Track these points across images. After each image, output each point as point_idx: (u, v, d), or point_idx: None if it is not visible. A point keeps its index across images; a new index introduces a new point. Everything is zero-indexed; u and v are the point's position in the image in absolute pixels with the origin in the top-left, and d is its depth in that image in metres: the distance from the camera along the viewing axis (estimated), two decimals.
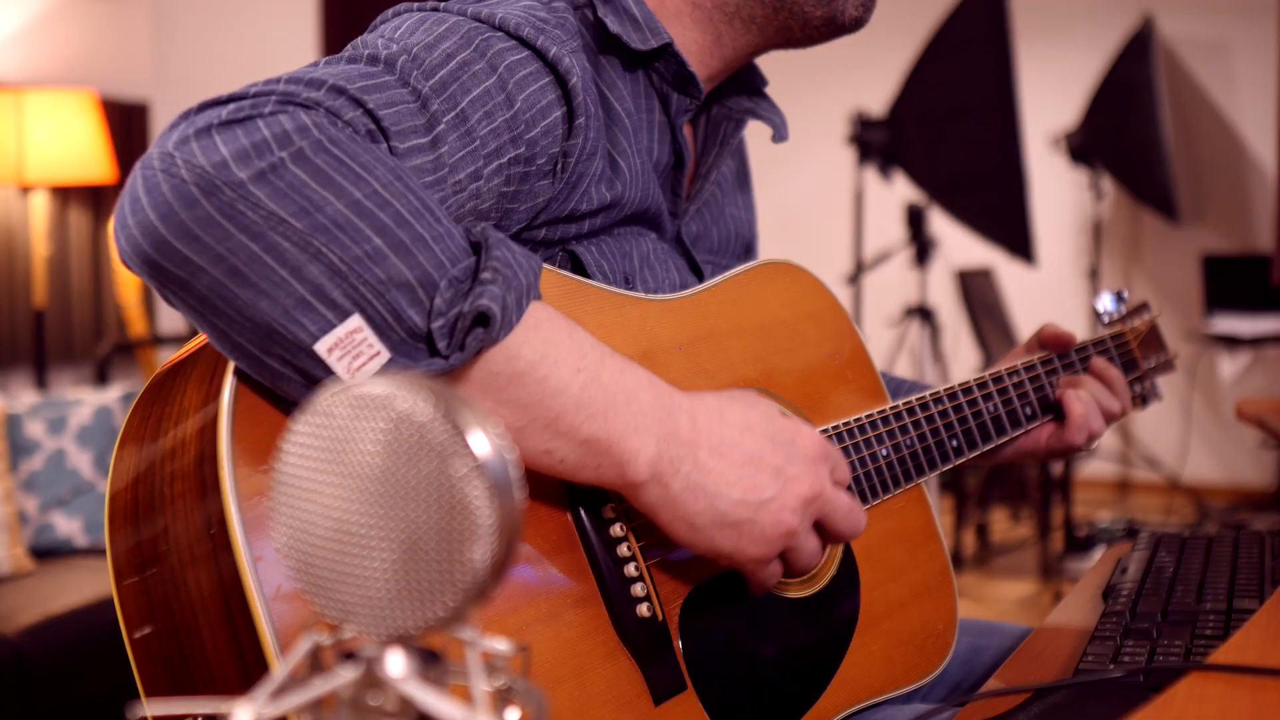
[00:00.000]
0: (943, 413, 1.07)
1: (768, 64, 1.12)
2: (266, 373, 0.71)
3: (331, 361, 0.69)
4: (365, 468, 0.44)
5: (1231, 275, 4.74)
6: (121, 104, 4.11)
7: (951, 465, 1.07)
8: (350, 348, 0.69)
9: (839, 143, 4.38)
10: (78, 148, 3.47)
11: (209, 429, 0.72)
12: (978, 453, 1.09)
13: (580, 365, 0.76)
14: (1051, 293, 5.14)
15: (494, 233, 0.75)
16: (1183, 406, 5.00)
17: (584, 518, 0.84)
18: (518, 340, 0.74)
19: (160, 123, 4.30)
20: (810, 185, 5.55)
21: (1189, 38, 5.03)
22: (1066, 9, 5.22)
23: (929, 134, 3.85)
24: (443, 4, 0.89)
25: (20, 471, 2.82)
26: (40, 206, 3.59)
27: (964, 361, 4.86)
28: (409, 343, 0.70)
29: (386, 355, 0.70)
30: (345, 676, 0.44)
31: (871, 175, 4.09)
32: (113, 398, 2.97)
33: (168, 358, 0.81)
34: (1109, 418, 1.19)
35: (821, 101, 5.25)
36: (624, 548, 0.85)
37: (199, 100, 0.72)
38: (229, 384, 0.72)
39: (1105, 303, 1.32)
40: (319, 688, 0.44)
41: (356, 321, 0.69)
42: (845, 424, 0.99)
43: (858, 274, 4.14)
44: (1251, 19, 4.90)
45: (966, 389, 1.10)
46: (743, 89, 1.10)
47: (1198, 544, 1.15)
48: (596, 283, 0.91)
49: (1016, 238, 3.81)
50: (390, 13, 0.89)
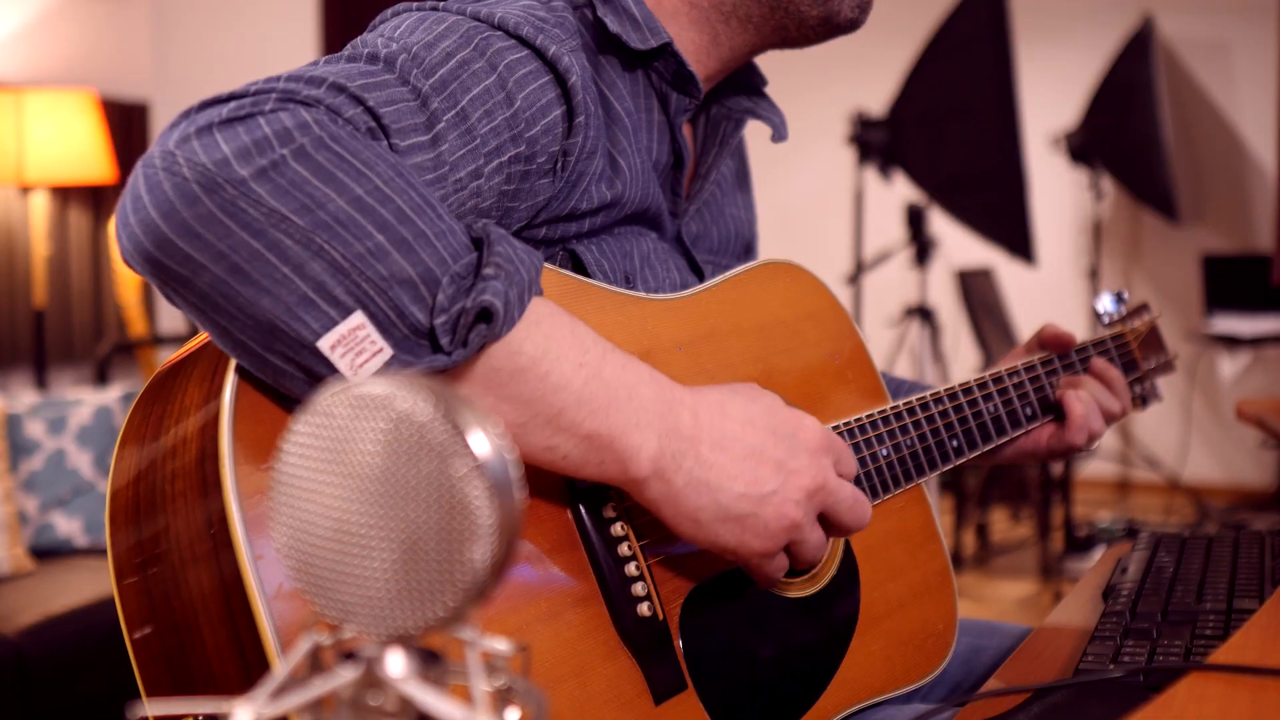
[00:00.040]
0: (943, 413, 1.07)
1: (767, 64, 1.12)
2: (269, 370, 0.71)
3: (334, 359, 0.69)
4: (365, 468, 0.44)
5: (1231, 275, 4.74)
6: (121, 104, 4.11)
7: (952, 465, 1.07)
8: (352, 345, 0.69)
9: (839, 143, 4.38)
10: (78, 148, 3.47)
11: (210, 427, 0.72)
12: (978, 453, 1.09)
13: (582, 361, 0.76)
14: (1051, 293, 5.14)
15: (495, 229, 0.75)
16: (1183, 406, 5.00)
17: (584, 516, 0.83)
18: (520, 336, 0.73)
19: (160, 123, 4.30)
20: (810, 185, 5.55)
21: (1189, 38, 5.03)
22: (1066, 9, 5.22)
23: (929, 134, 3.85)
24: (442, 3, 0.89)
25: (20, 471, 2.82)
26: (40, 206, 3.59)
27: (964, 361, 4.86)
28: (411, 339, 0.70)
29: (389, 352, 0.70)
30: (345, 676, 0.44)
31: (871, 175, 4.09)
32: (113, 398, 2.97)
33: (168, 357, 0.81)
34: (1109, 418, 1.19)
35: (821, 101, 5.25)
36: (624, 547, 0.85)
37: (199, 100, 0.72)
38: (230, 382, 0.72)
39: (1105, 304, 1.32)
40: (319, 688, 0.44)
41: (359, 318, 0.69)
42: (845, 424, 0.99)
43: (858, 274, 4.14)
44: (1251, 19, 4.90)
45: (967, 389, 1.10)
46: (742, 89, 1.10)
47: (1198, 544, 1.15)
48: (597, 282, 0.91)
49: (1016, 238, 3.81)
50: (390, 12, 0.89)
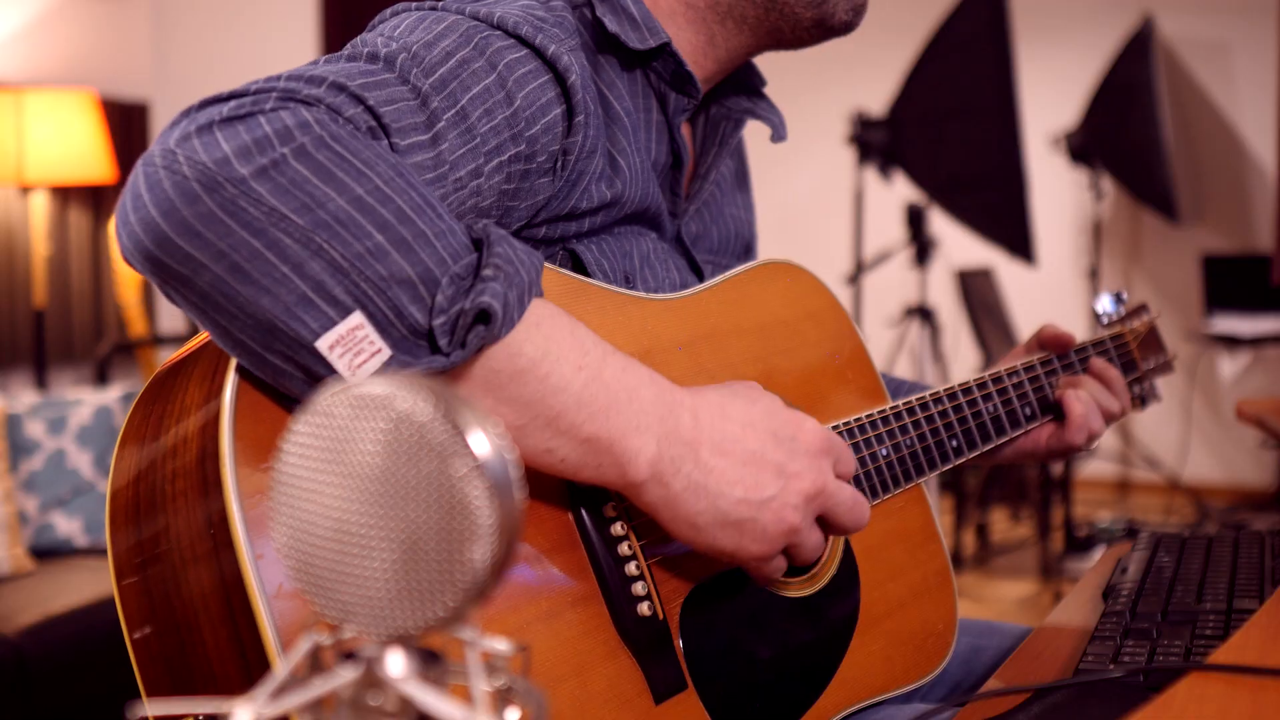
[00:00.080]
0: (943, 413, 1.07)
1: (767, 64, 1.12)
2: (268, 369, 0.71)
3: (333, 359, 0.69)
4: (365, 468, 0.44)
5: (1231, 275, 4.74)
6: (121, 104, 4.10)
7: (951, 465, 1.07)
8: (351, 345, 0.69)
9: (839, 143, 4.38)
10: (78, 148, 3.47)
11: (211, 426, 0.72)
12: (978, 453, 1.09)
13: (582, 363, 0.76)
14: (1051, 293, 5.14)
15: (495, 229, 0.74)
16: (1183, 406, 5.00)
17: (584, 516, 0.83)
18: (519, 338, 0.73)
19: (160, 122, 4.30)
20: (810, 185, 5.55)
21: (1189, 38, 5.03)
22: (1066, 9, 5.22)
23: (929, 134, 3.85)
24: (441, 3, 0.89)
25: (20, 471, 2.82)
26: (40, 206, 3.59)
27: (964, 361, 4.86)
28: (410, 340, 0.70)
29: (387, 352, 0.70)
30: (345, 676, 0.44)
31: (871, 175, 4.09)
32: (113, 398, 2.97)
33: (168, 357, 0.81)
34: (1108, 418, 1.19)
35: (821, 101, 5.25)
36: (625, 546, 0.84)
37: (199, 99, 0.72)
38: (231, 381, 0.72)
39: (1104, 304, 1.32)
40: (319, 688, 0.44)
41: (358, 318, 0.69)
42: (845, 424, 0.99)
43: (858, 274, 4.14)
44: (1251, 19, 4.90)
45: (966, 389, 1.10)
46: (741, 89, 1.10)
47: (1198, 544, 1.15)
48: (597, 282, 0.91)
49: (1016, 238, 3.81)
50: (389, 12, 0.89)
